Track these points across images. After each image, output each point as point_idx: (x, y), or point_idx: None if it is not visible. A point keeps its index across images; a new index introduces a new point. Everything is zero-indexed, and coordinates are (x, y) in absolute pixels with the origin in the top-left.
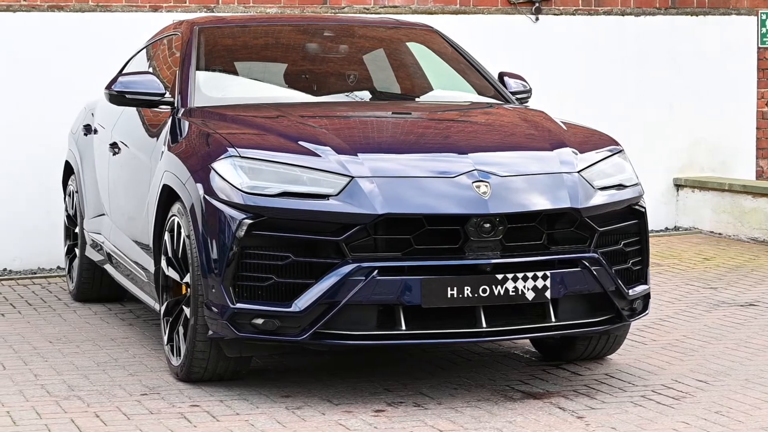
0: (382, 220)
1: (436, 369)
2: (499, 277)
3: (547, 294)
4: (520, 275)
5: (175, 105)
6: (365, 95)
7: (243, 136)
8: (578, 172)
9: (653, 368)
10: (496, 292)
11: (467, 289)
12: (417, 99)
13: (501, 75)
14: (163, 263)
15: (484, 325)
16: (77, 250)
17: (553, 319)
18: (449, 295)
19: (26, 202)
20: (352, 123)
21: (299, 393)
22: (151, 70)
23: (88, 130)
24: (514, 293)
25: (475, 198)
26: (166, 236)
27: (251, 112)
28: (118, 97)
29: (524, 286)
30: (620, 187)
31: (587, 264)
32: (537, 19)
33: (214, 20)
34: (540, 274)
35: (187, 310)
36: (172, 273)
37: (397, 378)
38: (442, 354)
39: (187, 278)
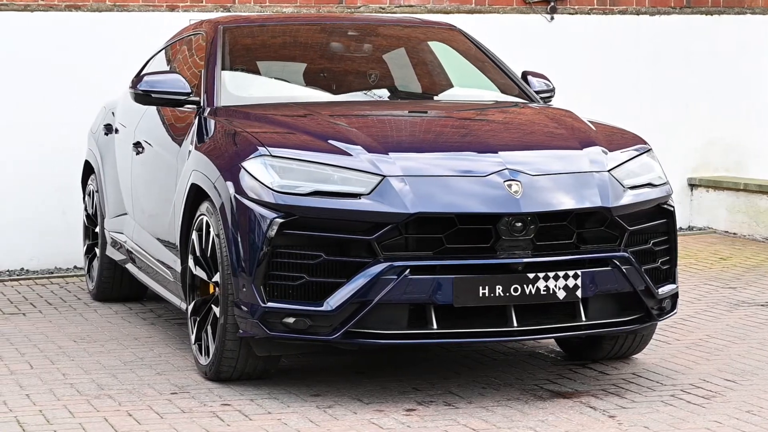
0: (414, 219)
1: (462, 368)
2: (531, 276)
3: (578, 293)
4: (551, 274)
5: (201, 104)
6: (389, 94)
7: (273, 135)
8: (608, 171)
9: (680, 368)
10: (527, 291)
11: (499, 288)
12: (441, 98)
13: (524, 74)
14: (191, 262)
15: (515, 324)
16: (97, 250)
17: (584, 319)
18: (481, 294)
19: (43, 202)
20: (380, 122)
21: (328, 392)
22: (172, 70)
23: (108, 129)
24: (545, 292)
25: (507, 197)
26: (194, 235)
27: (278, 111)
28: (143, 97)
29: (555, 285)
30: (649, 186)
31: (618, 263)
32: (552, 18)
33: (238, 20)
34: (571, 273)
35: (216, 309)
36: (199, 272)
37: (424, 377)
38: (467, 353)
39: (216, 277)
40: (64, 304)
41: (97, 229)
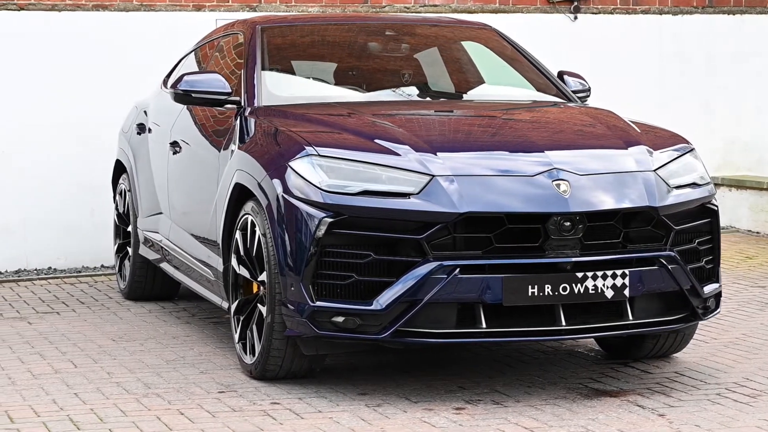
0: (463, 218)
1: (505, 367)
2: (579, 275)
3: (626, 292)
4: (599, 274)
5: (242, 104)
6: (429, 94)
7: (319, 135)
8: (654, 171)
9: (722, 366)
10: (576, 291)
11: (548, 288)
12: (481, 98)
13: (560, 73)
14: (234, 261)
15: (564, 323)
16: (129, 249)
17: (630, 318)
18: (530, 294)
19: (70, 201)
20: (425, 121)
21: (375, 391)
22: (209, 70)
23: (141, 129)
24: (593, 291)
25: (556, 196)
26: (238, 234)
27: (320, 111)
28: (183, 96)
29: (603, 285)
30: (694, 185)
31: (664, 262)
32: (575, 18)
33: (274, 20)
34: (619, 272)
35: (262, 309)
36: (243, 271)
37: (468, 376)
38: (507, 352)
39: (262, 276)
40: (96, 303)
41: (129, 229)
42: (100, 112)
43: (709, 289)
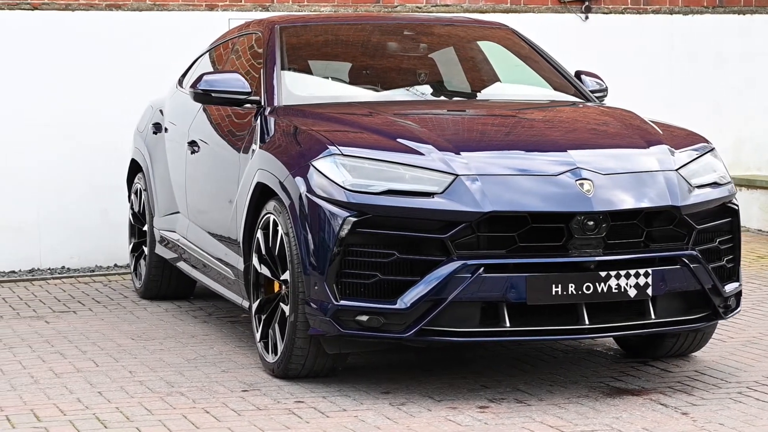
0: (487, 217)
1: (525, 366)
2: (603, 274)
3: (649, 291)
4: (623, 273)
5: (262, 104)
6: (448, 94)
7: (341, 134)
8: (676, 170)
9: (741, 365)
10: (599, 290)
11: (572, 287)
12: (501, 97)
13: (578, 73)
14: (255, 260)
15: (587, 322)
16: (145, 248)
17: (653, 317)
18: (554, 293)
19: (84, 200)
20: (447, 121)
21: (398, 389)
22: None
23: (157, 128)
24: (617, 290)
25: (580, 195)
26: (259, 233)
27: (341, 110)
28: (203, 96)
29: (627, 284)
30: (714, 185)
31: (687, 261)
32: (587, 17)
33: (293, 19)
34: (642, 271)
35: (284, 308)
36: (264, 270)
37: (489, 375)
38: (526, 351)
39: (285, 275)
40: (112, 302)
41: (145, 228)
42: (113, 112)
43: (730, 288)
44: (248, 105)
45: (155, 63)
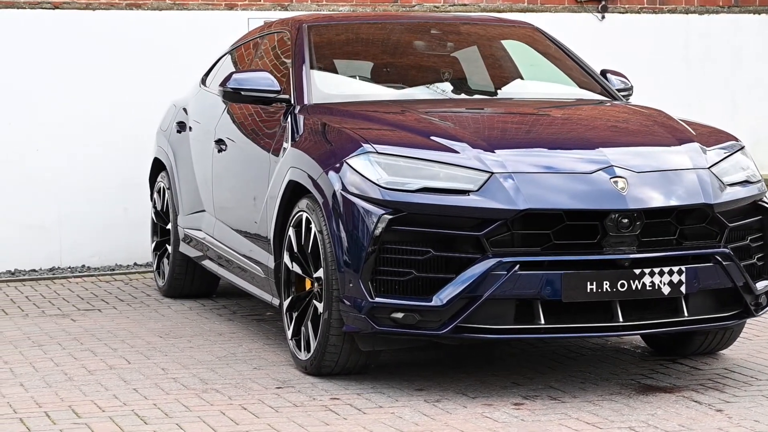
0: (522, 215)
1: (555, 364)
2: (637, 272)
3: (682, 289)
4: (656, 270)
5: (291, 102)
6: (477, 92)
7: (375, 132)
8: (708, 168)
9: None
10: (633, 287)
11: (606, 284)
12: (530, 95)
13: (603, 72)
14: (286, 258)
15: (621, 319)
16: (168, 247)
17: (686, 314)
18: (589, 290)
19: (105, 199)
20: (480, 119)
21: (431, 386)
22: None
23: (181, 127)
24: (650, 288)
25: (614, 193)
26: (291, 231)
27: (372, 108)
28: (232, 95)
29: (660, 281)
30: (745, 183)
31: (719, 259)
32: (603, 17)
33: (320, 18)
34: (675, 269)
35: (317, 305)
36: (296, 268)
37: (520, 372)
38: (554, 348)
39: (318, 273)
40: (136, 300)
41: (168, 226)
42: (134, 111)
43: (761, 285)
44: (277, 104)
45: (175, 62)
